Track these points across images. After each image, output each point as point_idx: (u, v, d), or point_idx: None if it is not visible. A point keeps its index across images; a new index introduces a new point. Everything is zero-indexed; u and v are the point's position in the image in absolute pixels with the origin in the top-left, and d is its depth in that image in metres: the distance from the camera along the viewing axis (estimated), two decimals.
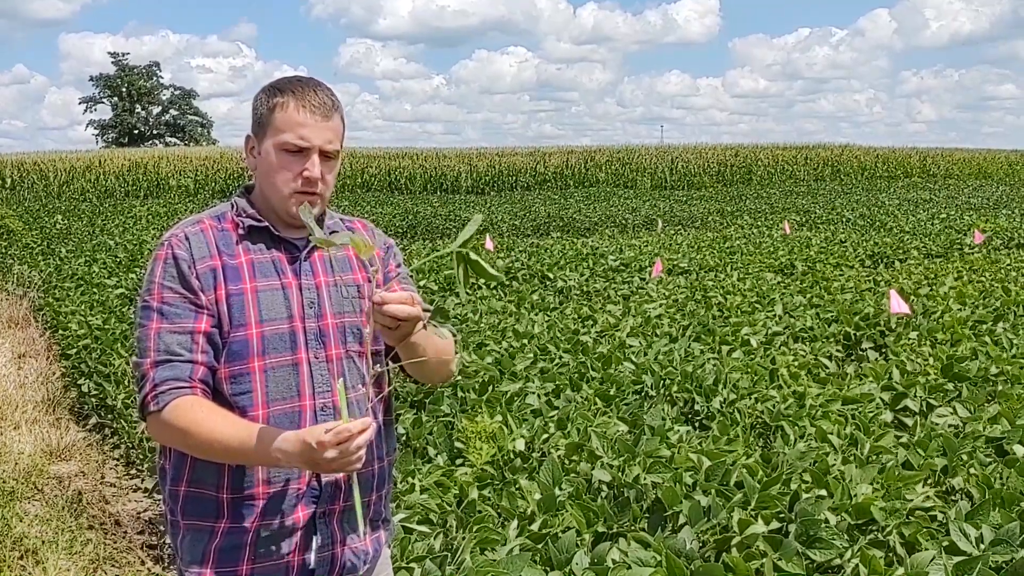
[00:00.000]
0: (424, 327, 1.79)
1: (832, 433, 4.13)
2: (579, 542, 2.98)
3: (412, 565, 2.72)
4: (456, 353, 2.00)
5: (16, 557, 3.81)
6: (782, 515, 3.09)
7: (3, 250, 14.73)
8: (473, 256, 1.64)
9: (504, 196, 32.97)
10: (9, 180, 35.13)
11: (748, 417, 4.54)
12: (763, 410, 4.52)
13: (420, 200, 29.48)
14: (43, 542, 3.91)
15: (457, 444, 4.09)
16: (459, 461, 4.03)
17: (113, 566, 3.80)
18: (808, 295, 8.30)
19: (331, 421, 1.72)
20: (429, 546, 2.91)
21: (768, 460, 3.65)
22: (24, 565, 3.71)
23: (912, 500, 3.31)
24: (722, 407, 4.63)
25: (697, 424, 4.67)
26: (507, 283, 10.16)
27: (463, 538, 3.14)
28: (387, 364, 1.80)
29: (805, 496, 3.14)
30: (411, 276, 2.09)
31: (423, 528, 3.09)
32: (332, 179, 1.94)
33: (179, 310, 1.82)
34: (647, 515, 3.27)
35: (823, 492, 3.29)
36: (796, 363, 5.62)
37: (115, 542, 4.12)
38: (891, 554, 3.02)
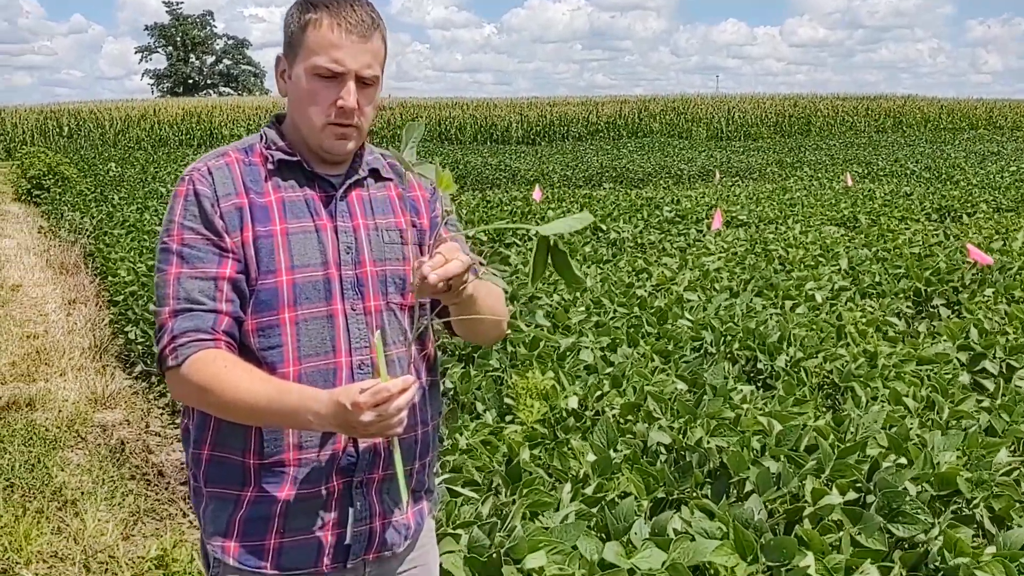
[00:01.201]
0: (477, 276, 1.57)
1: (907, 395, 3.87)
2: (637, 508, 2.78)
3: (459, 532, 2.54)
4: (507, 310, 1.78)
5: (56, 507, 3.73)
6: (859, 484, 2.85)
7: (57, 197, 14.82)
8: (561, 247, 1.35)
9: (555, 146, 32.57)
10: (66, 128, 35.70)
11: (815, 377, 4.28)
12: (831, 370, 4.26)
13: (470, 150, 29.20)
14: (82, 493, 3.82)
15: (507, 400, 3.90)
16: (508, 418, 3.85)
17: (153, 518, 3.70)
18: (874, 249, 7.94)
19: (368, 380, 1.52)
20: (477, 511, 2.72)
21: (840, 424, 3.40)
22: (63, 516, 3.63)
23: (998, 470, 3.05)
24: (787, 366, 4.37)
25: (760, 383, 4.43)
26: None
27: (512, 501, 2.96)
28: (432, 318, 1.58)
29: (885, 465, 2.90)
30: (459, 225, 1.86)
31: (469, 492, 2.91)
32: (371, 110, 1.70)
33: (201, 253, 1.61)
34: (710, 481, 3.06)
35: (902, 460, 3.04)
36: (864, 320, 5.33)
37: (156, 494, 4.03)
38: (979, 529, 2.78)
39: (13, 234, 12.34)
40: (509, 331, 4.62)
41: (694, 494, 2.97)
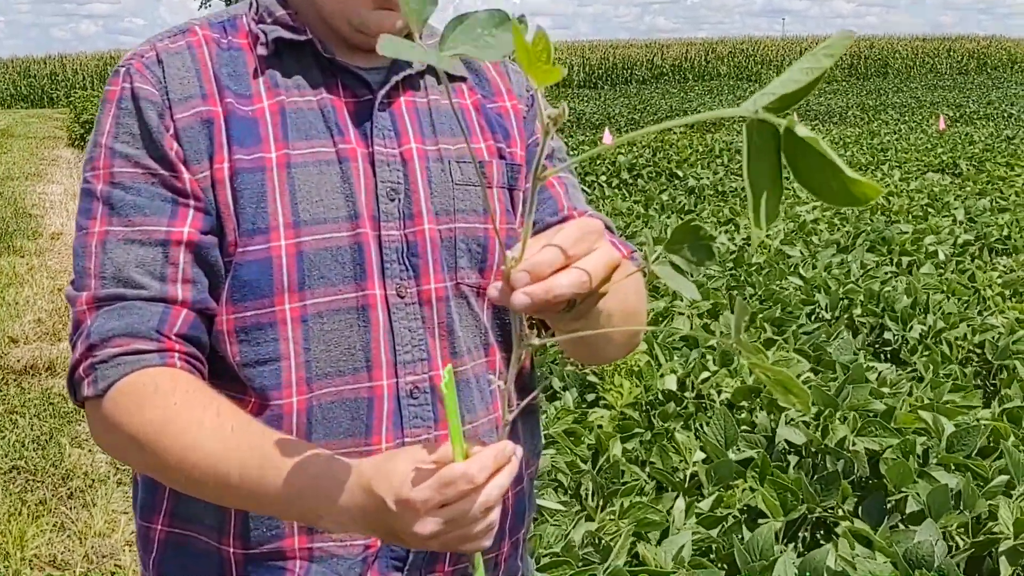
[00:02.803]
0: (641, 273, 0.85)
1: None
2: (776, 536, 2.13)
3: None
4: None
5: (63, 496, 3.20)
6: None
7: None
8: (802, 131, 0.57)
9: (618, 90, 31.56)
10: None
11: (959, 351, 3.56)
12: (982, 343, 3.53)
13: None
14: (93, 480, 3.29)
15: (590, 378, 3.27)
16: (590, 397, 3.22)
17: None
18: (988, 197, 7.09)
19: (424, 448, 0.79)
20: (567, 537, 2.09)
21: (1018, 420, 2.69)
22: (68, 508, 3.10)
23: None
24: (923, 338, 3.64)
25: (886, 356, 3.73)
26: (631, 181, 9.16)
27: (600, 508, 2.35)
28: (531, 326, 0.82)
29: None
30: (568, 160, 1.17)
31: (555, 504, 2.29)
32: None
33: (141, 199, 0.93)
34: (858, 495, 2.39)
35: None
36: (999, 280, 4.56)
37: None
38: None
39: (61, 180, 11.96)
40: None
41: (839, 512, 2.32)
